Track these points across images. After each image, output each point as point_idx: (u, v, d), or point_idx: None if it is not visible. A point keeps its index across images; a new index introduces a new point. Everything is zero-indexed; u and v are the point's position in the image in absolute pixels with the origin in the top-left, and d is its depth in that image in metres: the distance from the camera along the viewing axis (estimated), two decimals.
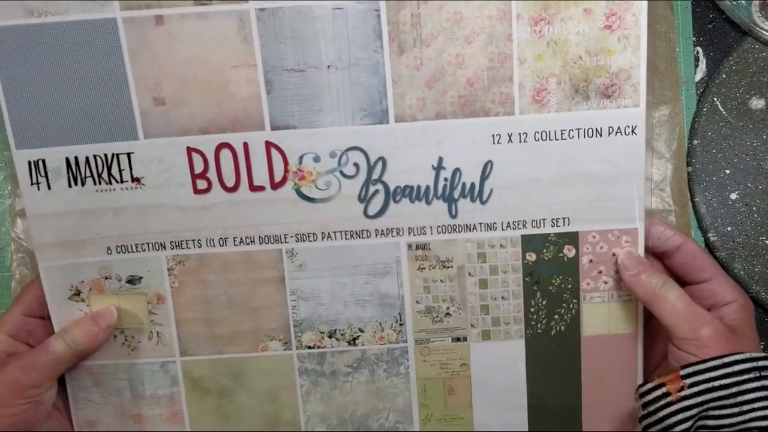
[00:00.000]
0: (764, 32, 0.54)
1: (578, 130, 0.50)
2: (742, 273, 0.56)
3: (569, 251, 0.52)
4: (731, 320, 0.48)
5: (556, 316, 0.53)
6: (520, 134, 0.50)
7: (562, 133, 0.50)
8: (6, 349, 0.51)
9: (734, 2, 0.53)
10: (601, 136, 0.50)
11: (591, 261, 0.52)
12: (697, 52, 0.56)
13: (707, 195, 0.56)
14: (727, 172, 0.55)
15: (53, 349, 0.50)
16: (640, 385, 0.48)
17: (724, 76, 0.55)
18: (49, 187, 0.51)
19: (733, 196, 0.55)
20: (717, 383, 0.45)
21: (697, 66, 0.56)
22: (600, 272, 0.53)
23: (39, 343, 0.51)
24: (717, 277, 0.50)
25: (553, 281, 0.53)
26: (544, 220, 0.52)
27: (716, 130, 0.55)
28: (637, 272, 0.50)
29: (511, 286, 0.53)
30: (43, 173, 0.50)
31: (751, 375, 0.44)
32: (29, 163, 0.50)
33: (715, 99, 0.54)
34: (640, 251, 0.52)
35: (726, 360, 0.45)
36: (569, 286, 0.53)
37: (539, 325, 0.54)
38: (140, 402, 0.55)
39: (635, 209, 0.51)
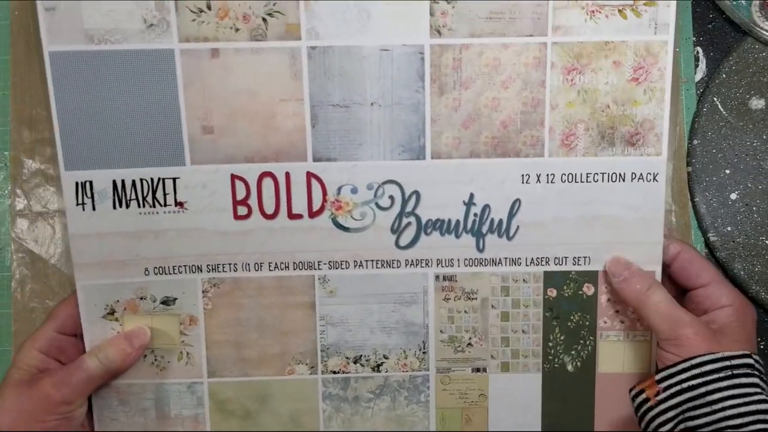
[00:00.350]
0: (764, 32, 0.54)
1: (603, 174, 0.52)
2: (742, 273, 0.56)
3: (588, 289, 0.54)
4: (721, 323, 0.49)
5: (573, 352, 0.55)
6: (548, 175, 0.52)
7: (587, 177, 0.52)
8: (38, 365, 0.51)
9: (734, 2, 0.54)
10: (623, 181, 0.52)
11: (609, 300, 0.54)
12: (697, 52, 0.57)
13: (707, 195, 0.56)
14: (727, 172, 0.56)
15: (87, 366, 0.51)
16: (630, 390, 0.50)
17: (724, 76, 0.56)
18: (94, 208, 0.52)
19: (733, 196, 0.56)
20: (687, 384, 0.46)
21: (697, 66, 0.57)
22: (617, 312, 0.55)
23: (70, 361, 0.52)
24: (715, 282, 0.51)
25: (572, 317, 0.55)
26: (566, 257, 0.54)
27: (716, 130, 0.56)
28: (623, 278, 0.52)
29: (532, 320, 0.55)
30: (89, 194, 0.52)
31: (722, 374, 0.46)
32: (76, 183, 0.52)
33: (715, 99, 0.55)
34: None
35: (694, 362, 0.46)
36: (587, 323, 0.55)
37: (556, 360, 0.55)
38: (165, 422, 0.56)
39: (653, 252, 0.53)
